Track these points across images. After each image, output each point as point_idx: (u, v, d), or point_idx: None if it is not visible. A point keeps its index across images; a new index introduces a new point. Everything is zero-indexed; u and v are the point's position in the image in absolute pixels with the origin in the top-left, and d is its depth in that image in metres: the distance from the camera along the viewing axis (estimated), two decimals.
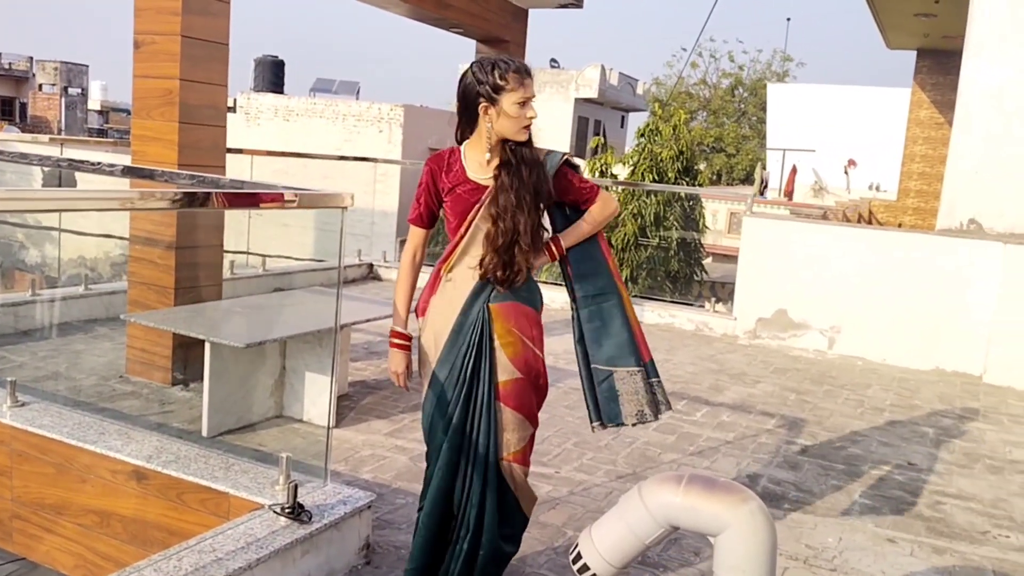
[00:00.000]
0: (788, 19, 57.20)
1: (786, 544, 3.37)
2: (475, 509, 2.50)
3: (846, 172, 24.84)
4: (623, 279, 13.40)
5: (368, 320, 4.82)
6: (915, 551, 3.41)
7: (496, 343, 2.53)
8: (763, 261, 7.01)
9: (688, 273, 13.80)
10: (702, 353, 6.61)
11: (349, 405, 4.62)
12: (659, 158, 12.38)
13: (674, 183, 12.92)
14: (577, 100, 34.99)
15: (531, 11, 7.84)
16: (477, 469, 2.51)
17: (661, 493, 2.02)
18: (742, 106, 39.88)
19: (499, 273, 2.52)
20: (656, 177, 12.08)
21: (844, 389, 5.79)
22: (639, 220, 12.08)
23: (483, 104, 2.40)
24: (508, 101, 2.39)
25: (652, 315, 7.57)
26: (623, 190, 12.00)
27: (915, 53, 14.33)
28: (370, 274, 8.68)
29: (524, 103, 2.40)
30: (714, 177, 39.38)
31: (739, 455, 4.36)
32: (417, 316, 2.63)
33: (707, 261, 18.21)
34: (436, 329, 2.58)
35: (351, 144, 23.72)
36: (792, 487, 3.99)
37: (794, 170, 23.17)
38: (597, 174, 11.45)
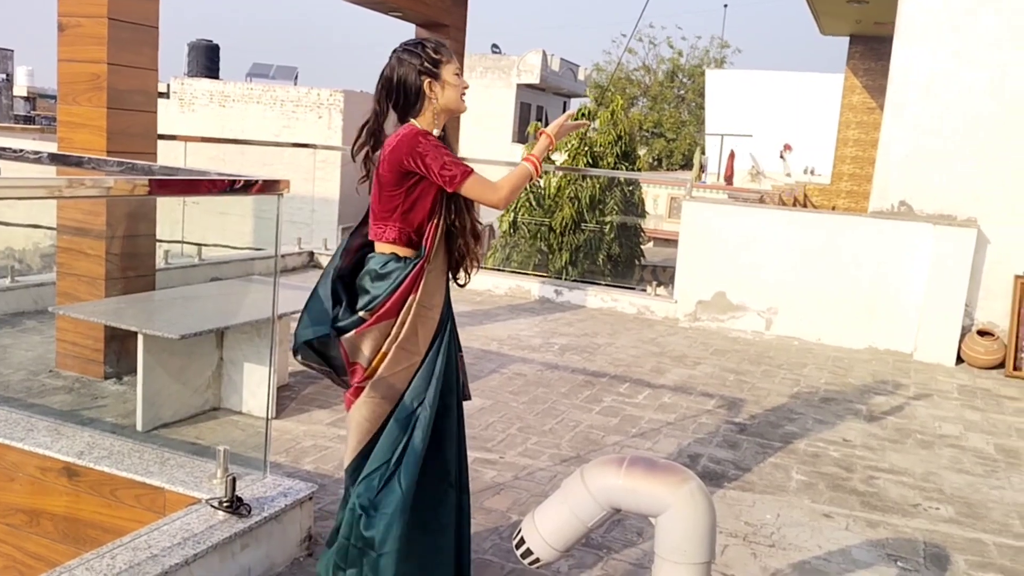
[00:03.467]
0: (725, 5, 58.02)
1: (726, 522, 3.43)
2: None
3: (782, 157, 25.31)
4: (564, 262, 13.31)
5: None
6: (850, 525, 3.50)
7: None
8: (702, 245, 7.11)
9: (629, 257, 13.90)
10: (644, 336, 6.68)
11: (290, 395, 4.55)
12: (596, 143, 12.44)
13: (613, 168, 12.99)
14: (519, 86, 34.95)
15: None
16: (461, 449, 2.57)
17: (603, 476, 2.03)
18: (681, 92, 40.32)
19: (475, 265, 2.59)
20: (592, 162, 12.15)
21: (781, 369, 5.92)
22: (576, 204, 12.14)
23: (428, 81, 2.42)
24: (448, 72, 2.44)
25: (595, 299, 7.63)
26: (561, 175, 12.06)
27: (848, 39, 14.65)
28: (311, 262, 8.55)
29: (459, 73, 2.46)
30: (654, 162, 39.81)
31: (680, 435, 4.43)
32: (384, 315, 2.40)
33: (649, 245, 18.42)
34: (426, 326, 2.46)
35: (290, 130, 23.31)
36: (731, 465, 4.06)
37: (732, 155, 23.53)
38: None
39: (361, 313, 2.40)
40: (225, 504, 2.64)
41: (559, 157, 13.17)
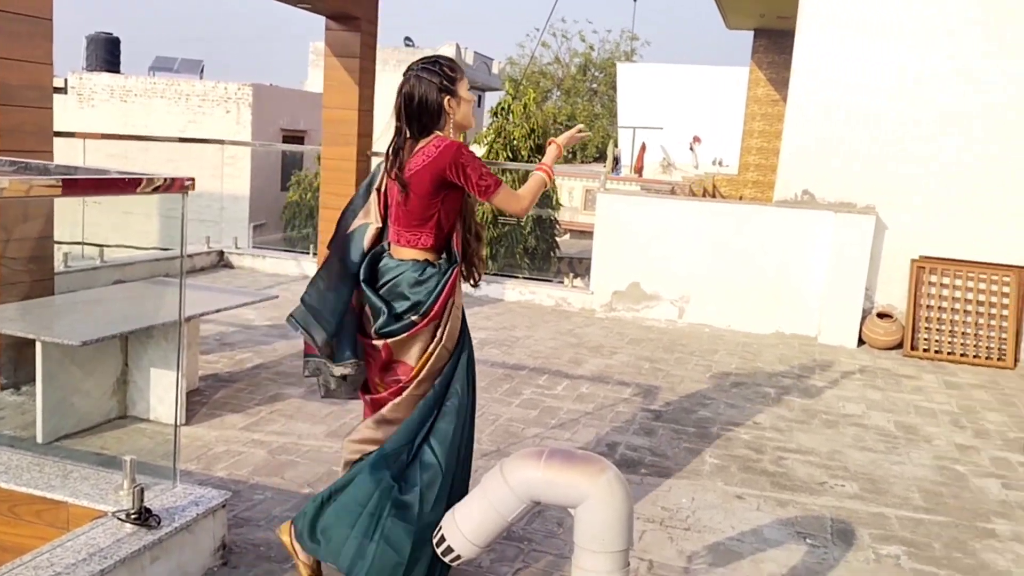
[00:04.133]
0: (634, 0, 58.85)
1: (643, 507, 3.50)
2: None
3: (692, 148, 25.92)
4: (484, 256, 13.43)
5: (218, 310, 4.62)
6: (761, 505, 3.62)
7: None
8: (616, 236, 7.22)
9: (545, 249, 14.02)
10: (561, 328, 6.75)
11: (200, 400, 4.42)
12: (512, 137, 12.49)
13: (527, 161, 13.07)
14: None
15: None
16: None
17: (522, 469, 2.04)
18: (594, 85, 40.87)
19: (483, 267, 2.82)
20: (510, 155, 12.19)
21: (693, 356, 6.07)
22: None
23: (447, 99, 2.60)
24: (463, 88, 2.64)
25: (513, 292, 7.66)
26: None
27: (753, 33, 15.07)
28: (221, 262, 8.32)
29: (468, 87, 2.68)
30: (569, 155, 40.24)
31: (598, 425, 4.49)
32: (435, 318, 2.58)
33: (565, 237, 18.60)
34: (457, 325, 2.67)
35: (196, 126, 22.61)
36: (648, 452, 4.15)
37: (643, 147, 23.99)
38: None
39: (413, 317, 2.56)
40: (133, 516, 2.54)
41: (478, 150, 13.18)
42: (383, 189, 2.70)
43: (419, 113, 2.59)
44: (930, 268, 6.58)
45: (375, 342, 2.60)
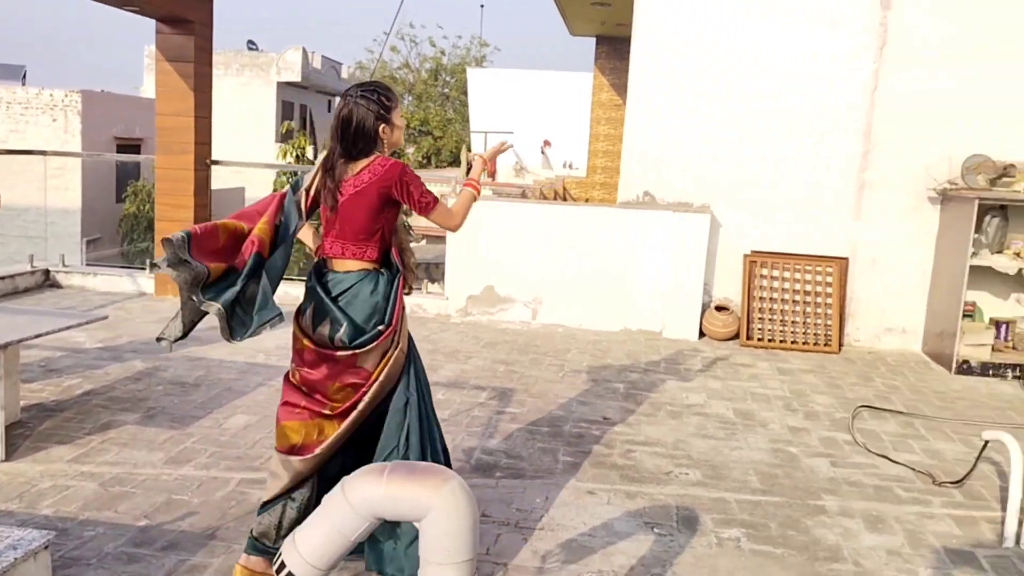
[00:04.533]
0: (482, 6, 59.53)
1: (499, 511, 3.52)
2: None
3: (543, 152, 26.40)
4: None
5: (40, 335, 4.28)
6: (611, 499, 3.72)
7: None
8: (469, 240, 7.25)
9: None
10: (417, 334, 6.62)
11: (23, 433, 4.08)
12: None
13: None
14: (280, 84, 33.80)
15: None
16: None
17: (364, 487, 2.00)
18: (445, 90, 40.93)
19: (414, 275, 3.05)
20: None
21: (547, 356, 6.18)
22: None
23: (382, 126, 2.81)
24: (396, 116, 2.86)
25: None
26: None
27: (595, 39, 15.54)
28: (47, 281, 7.74)
29: (401, 114, 2.92)
30: (424, 160, 40.14)
31: (455, 431, 4.48)
32: (396, 325, 2.84)
33: (421, 243, 18.49)
34: (406, 330, 2.95)
35: (19, 135, 20.99)
36: (503, 455, 4.18)
37: None
38: (293, 159, 11.12)
39: (380, 327, 2.76)
40: None
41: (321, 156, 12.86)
42: (312, 193, 2.84)
43: (355, 138, 2.78)
44: (760, 262, 6.99)
45: (339, 353, 2.74)
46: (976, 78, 6.59)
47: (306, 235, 3.03)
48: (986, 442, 3.95)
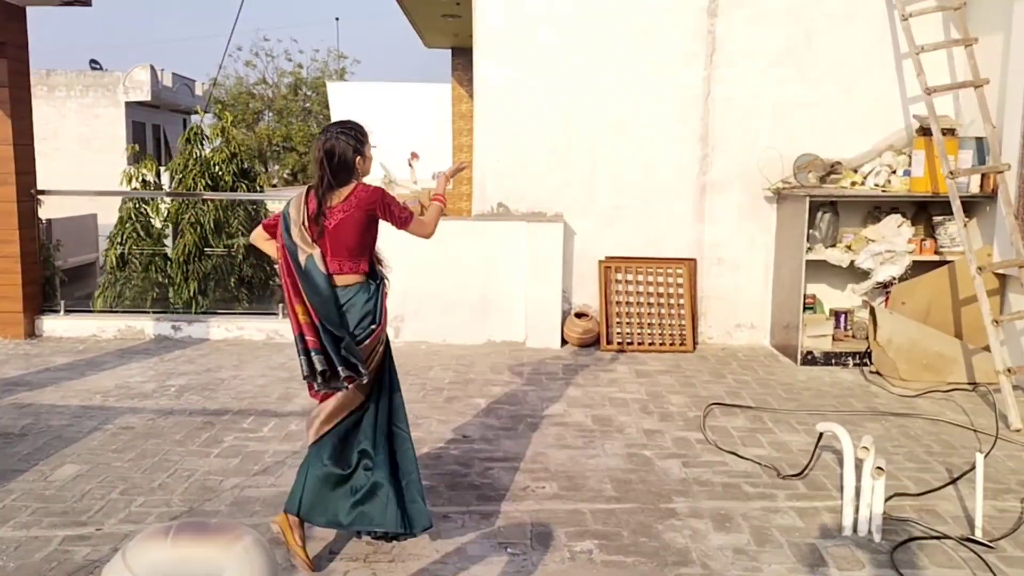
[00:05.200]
0: (337, 19, 58.68)
1: (348, 545, 3.39)
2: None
3: (410, 164, 26.22)
4: (192, 292, 12.17)
5: None
6: (466, 522, 3.66)
7: None
8: None
9: (264, 278, 13.40)
10: (273, 362, 6.45)
11: None
12: (211, 162, 11.82)
13: (232, 187, 12.44)
14: (128, 104, 32.22)
15: (40, 9, 6.93)
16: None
17: (147, 552, 1.84)
18: (307, 105, 40.07)
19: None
20: (211, 182, 11.51)
21: (409, 375, 6.06)
22: (199, 229, 11.43)
23: (358, 158, 3.26)
24: (367, 149, 3.32)
25: (219, 330, 7.22)
26: (174, 201, 11.28)
27: (450, 51, 15.56)
28: None
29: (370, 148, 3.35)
30: (290, 177, 39.16)
31: None
32: (384, 322, 3.38)
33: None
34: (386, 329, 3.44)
35: None
36: None
37: None
38: (139, 184, 10.56)
39: (372, 326, 3.28)
40: None
41: (168, 178, 12.26)
42: (305, 224, 3.24)
43: (338, 168, 3.23)
44: (615, 267, 7.12)
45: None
46: (799, 80, 6.95)
47: (269, 247, 3.46)
48: (821, 434, 4.12)
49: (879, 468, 3.49)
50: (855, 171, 6.88)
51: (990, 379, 5.66)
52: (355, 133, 3.28)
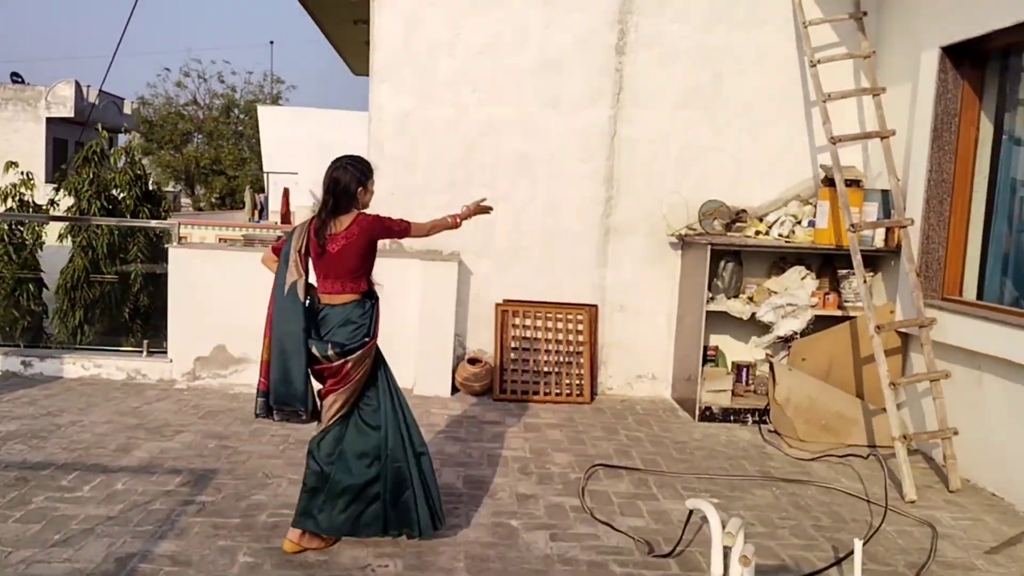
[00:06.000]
0: (271, 42, 58.04)
1: None
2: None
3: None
4: (78, 321, 11.33)
5: None
6: None
7: None
8: (195, 295, 6.52)
9: (162, 307, 12.59)
10: (126, 407, 5.84)
11: None
12: (112, 184, 11.15)
13: (133, 211, 11.74)
14: (50, 120, 31.06)
15: None
16: None
17: None
18: (239, 128, 39.17)
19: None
20: (107, 205, 10.83)
21: (274, 426, 5.51)
22: (91, 253, 10.71)
23: (360, 189, 3.60)
24: (370, 183, 3.69)
25: (75, 368, 6.57)
26: (67, 225, 10.57)
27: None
28: None
29: (373, 182, 3.74)
30: (218, 201, 38.09)
31: (118, 532, 3.76)
32: (376, 335, 3.74)
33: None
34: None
35: None
36: (168, 561, 3.51)
37: (286, 192, 23.13)
38: (16, 205, 9.85)
39: (365, 339, 3.62)
40: None
41: (66, 202, 11.53)
42: (302, 250, 3.59)
43: (342, 194, 3.57)
44: (512, 310, 6.73)
45: (336, 363, 3.58)
46: (706, 124, 6.72)
47: (270, 263, 3.78)
48: (691, 511, 3.75)
49: (745, 556, 3.11)
50: (761, 220, 6.65)
51: (890, 442, 5.39)
52: (361, 167, 3.65)
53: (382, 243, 6.95)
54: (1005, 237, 5.45)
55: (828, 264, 6.59)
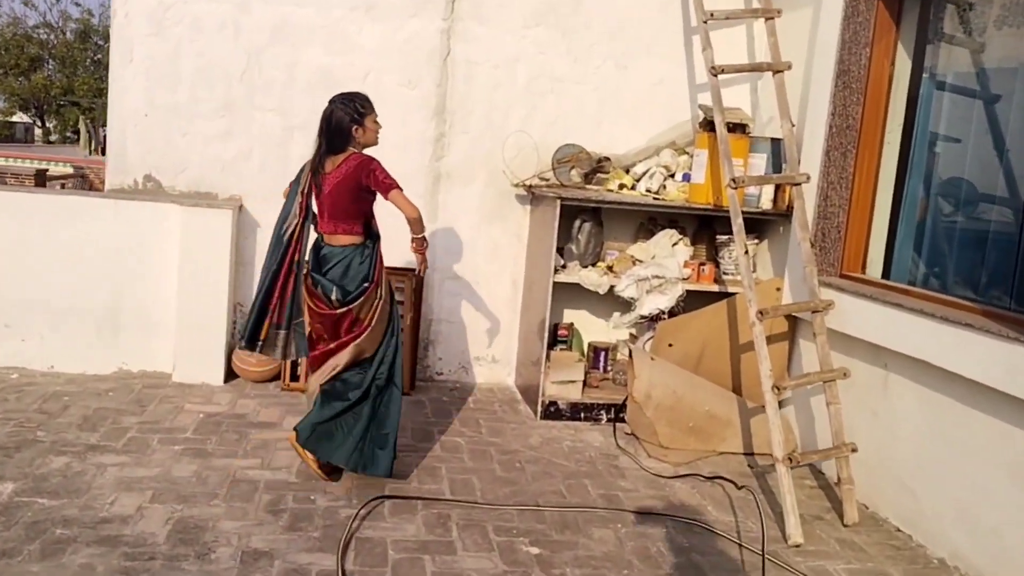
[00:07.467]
0: None
1: None
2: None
3: None
4: None
5: None
6: None
7: None
8: None
9: None
10: None
11: None
12: None
13: None
14: None
15: None
16: None
17: None
18: (98, 56, 35.54)
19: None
20: None
21: None
22: None
23: (355, 127, 3.59)
24: (370, 121, 3.64)
25: None
26: None
27: None
28: None
29: (376, 119, 3.67)
30: (73, 134, 34.63)
31: None
32: (378, 279, 3.68)
33: None
34: (387, 285, 3.80)
35: None
36: None
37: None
38: None
39: (365, 284, 3.61)
40: None
41: None
42: (306, 191, 3.65)
43: (334, 134, 3.59)
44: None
45: (339, 310, 3.56)
46: (563, 50, 5.34)
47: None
48: None
49: None
50: (627, 171, 5.35)
51: (771, 450, 4.23)
52: (356, 104, 3.58)
53: (131, 180, 5.39)
54: (920, 201, 4.32)
55: (705, 227, 5.36)
